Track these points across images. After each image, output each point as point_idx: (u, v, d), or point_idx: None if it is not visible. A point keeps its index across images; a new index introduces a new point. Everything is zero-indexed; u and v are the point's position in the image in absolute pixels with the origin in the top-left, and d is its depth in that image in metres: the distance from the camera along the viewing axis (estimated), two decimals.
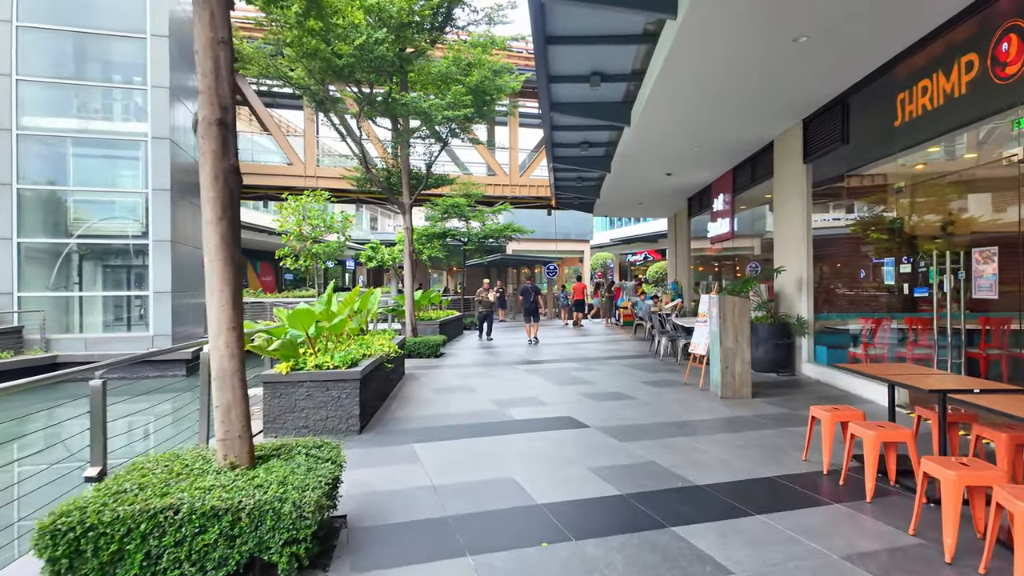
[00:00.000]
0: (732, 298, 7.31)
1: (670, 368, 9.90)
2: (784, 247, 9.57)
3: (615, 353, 12.19)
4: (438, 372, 9.93)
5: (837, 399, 7.13)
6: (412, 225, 12.42)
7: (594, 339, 15.36)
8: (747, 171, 11.75)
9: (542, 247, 32.62)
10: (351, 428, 5.95)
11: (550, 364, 10.73)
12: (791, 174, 9.29)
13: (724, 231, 13.06)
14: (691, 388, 7.99)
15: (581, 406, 6.99)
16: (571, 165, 13.64)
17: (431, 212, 18.61)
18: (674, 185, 14.56)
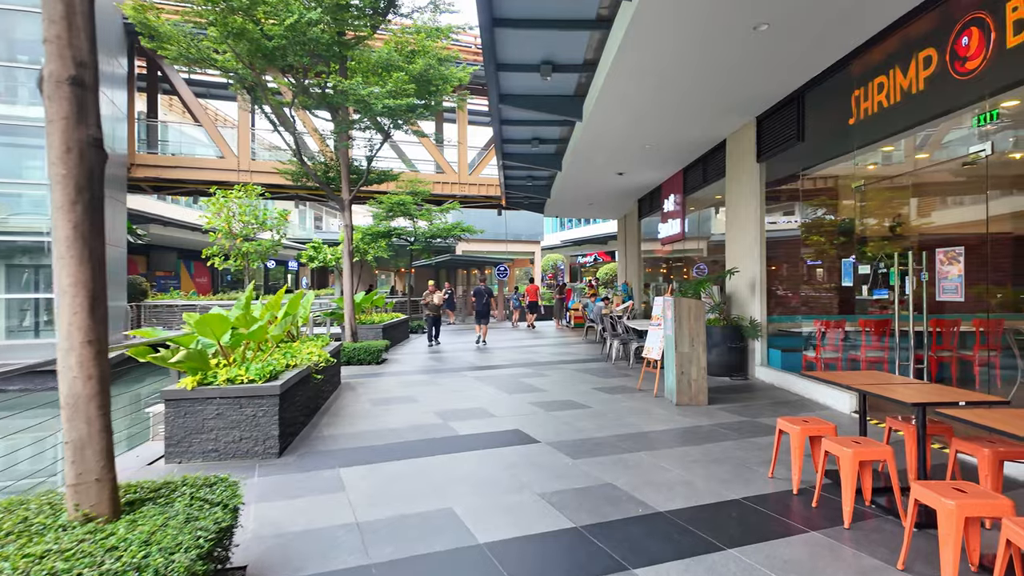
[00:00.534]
0: (688, 300, 6.97)
1: (623, 372, 9.54)
2: (736, 248, 9.38)
3: (567, 357, 11.77)
4: (378, 381, 9.21)
5: (794, 404, 6.90)
6: (352, 223, 11.61)
7: (545, 342, 14.93)
8: (698, 171, 11.58)
9: (493, 248, 32.11)
10: (269, 451, 5.20)
11: (500, 370, 10.19)
12: (744, 173, 9.09)
13: (675, 232, 12.88)
14: (645, 395, 7.61)
15: (532, 418, 6.47)
16: (521, 163, 13.17)
17: (376, 210, 17.72)
18: (625, 185, 14.31)
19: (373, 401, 7.55)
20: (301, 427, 6.12)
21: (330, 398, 7.76)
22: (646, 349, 8.06)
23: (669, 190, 13.26)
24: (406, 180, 17.86)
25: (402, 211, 17.02)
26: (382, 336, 12.92)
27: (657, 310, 8.01)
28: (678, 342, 6.92)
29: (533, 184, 16.37)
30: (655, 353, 7.76)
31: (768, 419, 6.17)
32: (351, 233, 11.59)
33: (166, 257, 34.42)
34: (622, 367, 10.14)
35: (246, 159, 19.03)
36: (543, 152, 12.89)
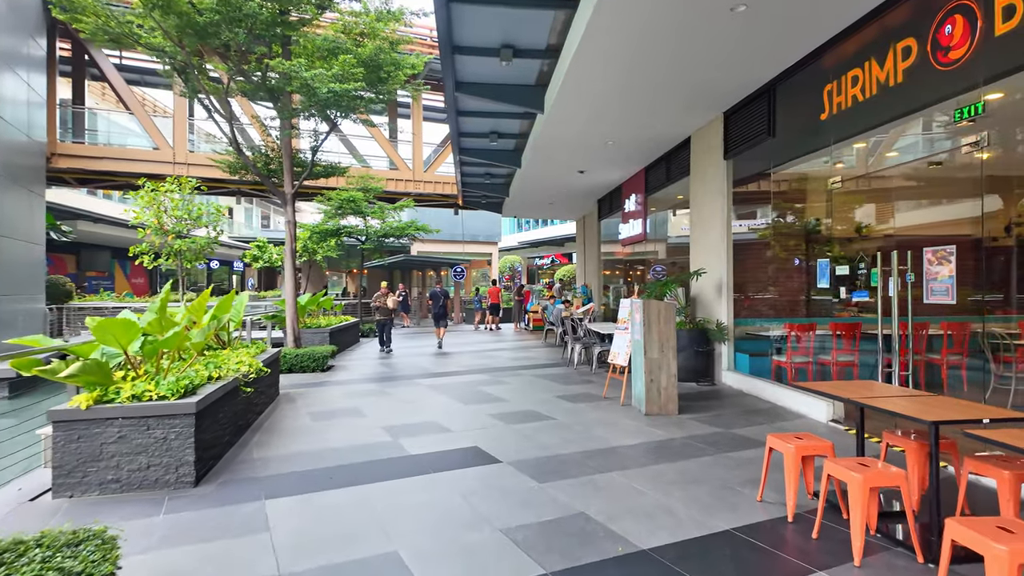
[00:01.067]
0: (658, 303, 6.53)
1: (586, 378, 9.07)
2: (701, 249, 9.07)
3: (526, 362, 11.23)
4: (322, 391, 8.42)
5: (767, 413, 6.56)
6: (295, 219, 10.74)
7: (504, 346, 14.36)
8: (661, 170, 11.27)
9: (449, 249, 31.36)
10: (183, 479, 4.42)
11: (456, 377, 9.54)
12: (710, 171, 8.78)
13: (636, 232, 12.55)
14: (612, 403, 7.14)
15: (491, 432, 5.88)
16: (479, 159, 12.57)
17: (325, 207, 16.74)
18: (586, 184, 13.92)
19: (314, 415, 6.79)
20: (226, 448, 5.34)
21: (265, 412, 6.95)
22: (612, 354, 7.60)
23: (630, 190, 12.94)
24: (357, 176, 16.97)
25: (352, 209, 16.12)
26: (329, 341, 12.06)
27: (623, 313, 7.56)
28: (647, 347, 6.47)
29: (491, 182, 15.80)
30: (622, 359, 7.30)
31: (743, 430, 5.78)
32: (294, 230, 10.71)
33: (98, 256, 32.05)
34: (585, 372, 9.67)
35: (183, 151, 17.70)
36: (502, 148, 12.34)
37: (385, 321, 13.05)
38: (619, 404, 7.07)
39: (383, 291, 13.05)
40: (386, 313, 12.96)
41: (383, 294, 12.99)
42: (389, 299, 12.89)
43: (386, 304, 12.87)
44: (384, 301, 12.93)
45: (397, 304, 15.65)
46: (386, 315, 12.98)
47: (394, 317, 14.51)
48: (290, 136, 10.47)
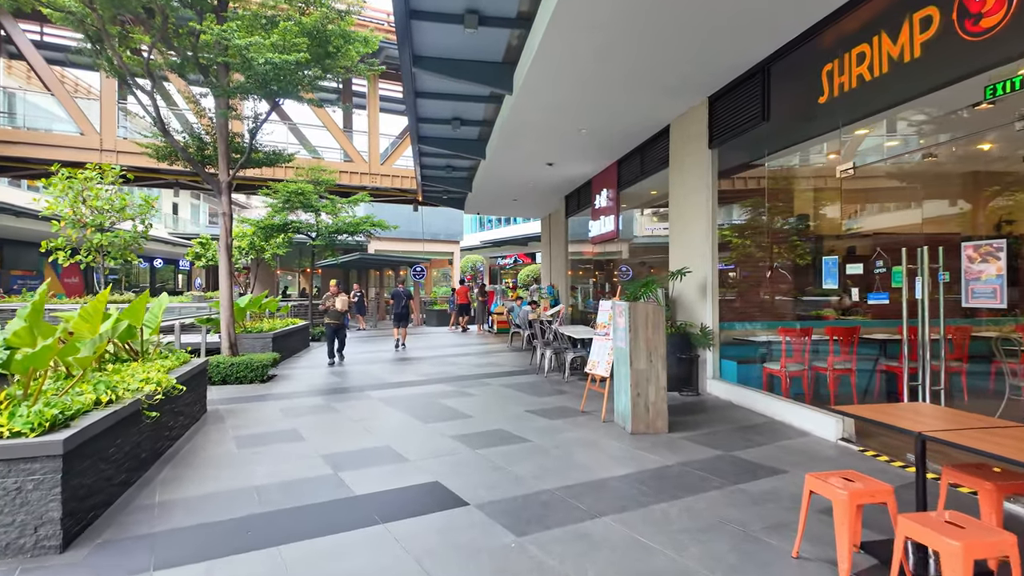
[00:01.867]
0: (646, 306, 5.74)
1: (558, 388, 8.23)
2: (682, 247, 8.37)
3: (492, 369, 10.32)
4: (258, 407, 7.31)
5: (764, 429, 5.85)
6: (231, 211, 9.51)
7: (467, 350, 13.41)
8: (635, 162, 10.57)
9: (409, 248, 30.15)
10: (45, 543, 3.34)
11: (414, 388, 8.56)
12: (692, 162, 8.08)
13: (608, 230, 11.83)
14: (591, 419, 6.31)
15: (455, 460, 4.95)
16: (440, 148, 11.58)
17: (273, 201, 15.41)
18: (554, 179, 13.13)
19: (241, 440, 5.71)
20: (120, 490, 4.23)
21: (183, 437, 5.82)
22: (591, 363, 6.77)
23: (601, 185, 12.21)
24: (307, 168, 15.71)
25: (302, 202, 14.86)
26: (272, 347, 10.85)
27: (603, 316, 6.75)
28: (633, 357, 5.67)
29: (453, 175, 14.83)
30: (602, 369, 6.48)
31: (745, 452, 5.04)
32: (230, 223, 9.50)
33: (25, 254, 29.40)
34: (556, 381, 8.84)
35: (111, 137, 16.03)
36: (465, 137, 11.40)
37: (336, 327, 11.26)
38: (600, 420, 6.25)
39: (332, 291, 11.36)
40: (337, 317, 11.23)
41: (332, 294, 11.27)
42: (339, 300, 11.13)
43: (335, 306, 11.15)
44: (333, 303, 11.20)
45: (351, 306, 14.50)
46: (337, 319, 11.23)
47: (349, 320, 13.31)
48: (226, 117, 9.26)
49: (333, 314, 11.23)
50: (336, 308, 11.17)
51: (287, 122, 19.24)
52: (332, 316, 11.25)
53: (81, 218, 10.92)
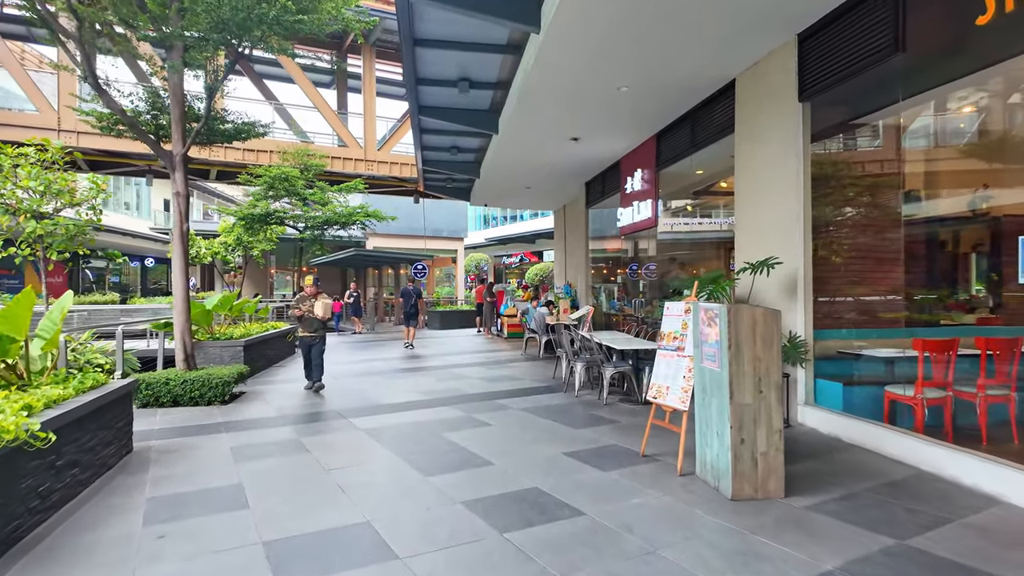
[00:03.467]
0: (753, 311, 3.89)
1: (597, 414, 6.39)
2: (755, 232, 6.53)
3: (508, 383, 8.48)
4: (203, 445, 5.48)
5: (914, 488, 3.99)
6: (187, 191, 7.70)
7: (474, 359, 11.57)
8: (681, 133, 8.72)
9: (410, 244, 28.32)
10: None
11: (412, 413, 6.72)
12: (773, 123, 6.23)
13: (643, 218, 9.98)
14: (662, 471, 4.47)
15: (473, 557, 3.11)
16: (445, 121, 9.75)
17: (255, 189, 13.59)
18: (576, 159, 11.28)
19: (155, 507, 3.87)
20: None
21: (75, 500, 3.99)
22: (655, 388, 4.91)
23: (634, 164, 10.36)
24: (293, 151, 13.90)
25: (287, 189, 13.04)
26: (243, 358, 9.03)
27: (671, 324, 4.89)
28: (734, 384, 3.83)
29: (459, 158, 12.99)
30: (675, 398, 4.62)
31: (926, 540, 3.19)
32: (185, 205, 7.69)
33: None
34: (591, 403, 7.00)
35: (72, 116, 14.22)
36: (474, 106, 9.57)
37: (313, 340, 8.14)
38: (674, 472, 4.40)
39: (309, 291, 8.21)
40: (315, 327, 8.17)
41: (309, 295, 8.18)
42: (319, 304, 8.06)
43: (313, 312, 8.08)
44: (311, 307, 8.10)
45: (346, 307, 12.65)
46: (314, 330, 8.17)
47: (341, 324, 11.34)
48: (180, 74, 7.45)
49: (310, 323, 8.14)
50: (316, 315, 8.10)
51: (272, 102, 17.43)
52: (308, 326, 8.15)
53: (16, 203, 9.10)
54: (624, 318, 11.86)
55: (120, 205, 33.17)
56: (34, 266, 32.77)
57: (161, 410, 6.95)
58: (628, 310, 12.34)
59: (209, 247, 20.85)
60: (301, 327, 8.26)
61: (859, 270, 5.97)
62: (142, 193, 36.31)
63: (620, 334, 9.05)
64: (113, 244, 28.45)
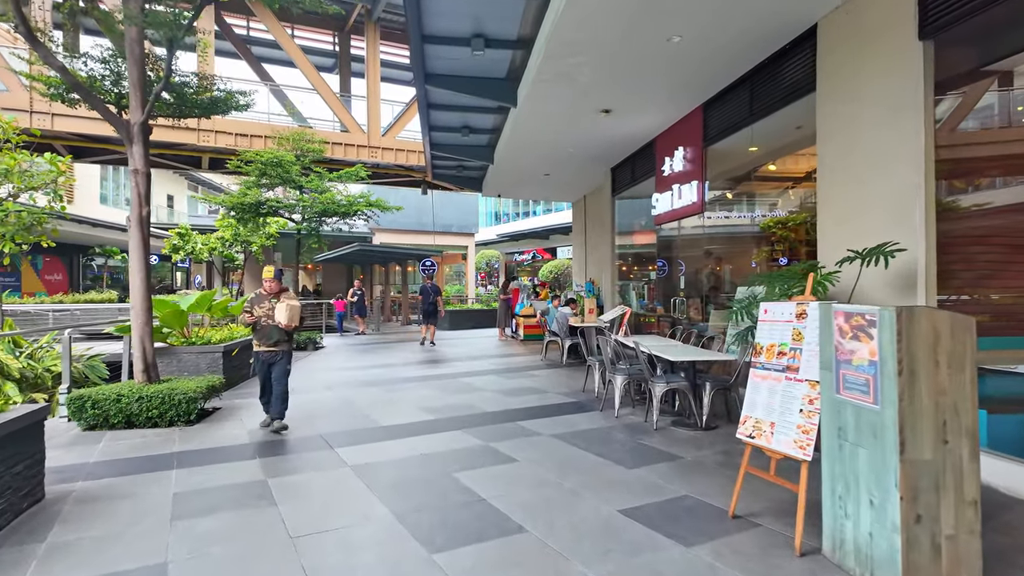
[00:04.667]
0: (933, 314, 2.52)
1: (648, 444, 5.03)
2: (853, 212, 5.15)
3: (530, 398, 7.14)
4: (142, 489, 4.19)
5: None
6: (148, 169, 6.42)
7: (489, 365, 10.24)
8: (734, 102, 7.33)
9: (418, 240, 27.05)
10: None
11: (415, 440, 5.40)
12: (878, 71, 4.84)
13: (686, 203, 8.59)
14: (769, 544, 3.11)
15: None
16: (456, 91, 8.41)
17: (248, 179, 12.33)
18: (604, 139, 9.90)
19: None
20: None
21: None
22: (750, 424, 3.51)
23: (673, 143, 8.98)
24: (288, 135, 12.63)
25: (281, 176, 11.77)
26: (222, 366, 7.77)
27: (769, 334, 3.51)
28: (905, 430, 2.46)
29: (470, 141, 11.66)
30: (786, 442, 3.24)
31: None
32: (145, 186, 6.42)
33: None
34: (638, 427, 5.64)
35: (39, 98, 13.03)
36: (489, 73, 8.24)
37: (273, 357, 5.81)
38: (788, 547, 3.04)
39: (268, 287, 5.83)
40: (274, 338, 5.76)
41: (268, 293, 5.82)
42: (281, 308, 5.64)
43: (274, 319, 5.70)
44: (269, 310, 5.72)
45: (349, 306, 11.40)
46: (274, 342, 5.77)
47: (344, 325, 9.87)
48: (139, 27, 6.17)
49: (268, 333, 5.72)
50: (279, 322, 5.65)
51: (268, 83, 16.19)
52: (266, 337, 5.73)
53: None
54: (657, 320, 10.49)
55: (121, 200, 32.20)
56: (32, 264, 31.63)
57: (110, 433, 5.69)
58: (660, 310, 10.97)
59: (206, 243, 19.71)
60: (256, 339, 5.81)
61: (995, 261, 4.58)
62: None
63: (660, 339, 7.68)
64: (111, 241, 27.45)
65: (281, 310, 5.65)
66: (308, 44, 18.01)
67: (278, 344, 5.80)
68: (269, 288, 5.85)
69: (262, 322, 5.74)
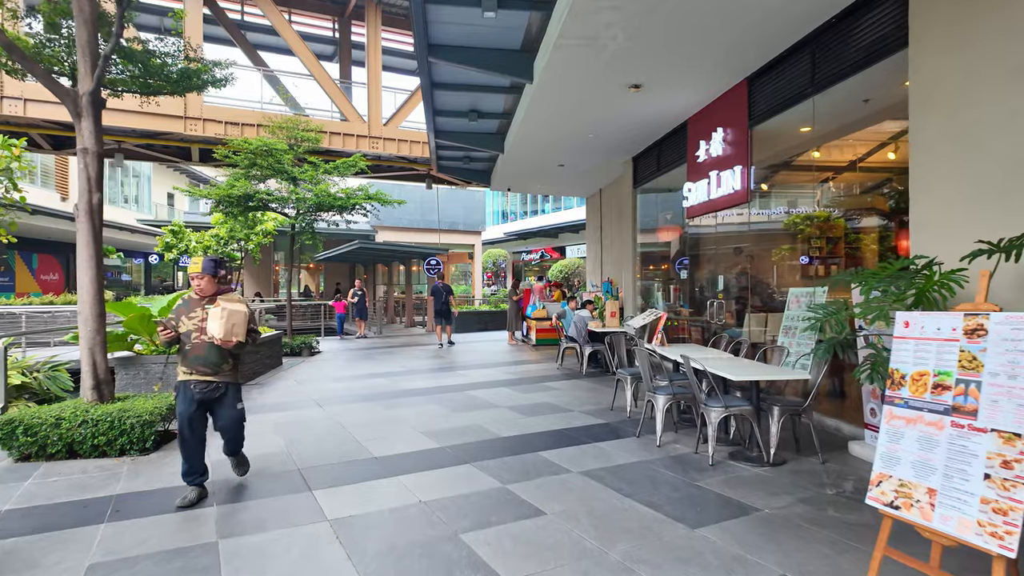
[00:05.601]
0: None
1: (708, 487, 3.98)
2: (966, 194, 4.07)
3: (550, 420, 6.08)
4: (49, 555, 3.17)
5: None
6: (100, 148, 5.43)
7: (499, 375, 9.20)
8: (791, 72, 6.28)
9: (423, 239, 26.04)
10: None
11: (409, 480, 4.36)
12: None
13: (726, 191, 7.52)
14: None
15: None
16: (463, 65, 7.38)
17: (238, 170, 11.34)
18: (629, 121, 8.84)
19: None
20: None
21: None
22: (891, 486, 2.40)
23: (711, 124, 7.91)
24: (280, 122, 11.64)
25: (272, 166, 10.78)
26: None
27: (924, 357, 2.44)
28: None
29: (478, 128, 10.64)
30: (962, 523, 2.16)
31: None
32: (97, 167, 5.42)
33: None
34: (687, 458, 4.59)
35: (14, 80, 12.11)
36: (501, 44, 7.22)
37: (210, 392, 3.92)
38: None
39: (200, 288, 3.94)
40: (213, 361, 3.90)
41: (201, 296, 3.96)
42: (215, 315, 3.77)
43: (202, 333, 3.85)
44: (200, 322, 3.86)
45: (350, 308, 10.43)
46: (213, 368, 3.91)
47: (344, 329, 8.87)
48: None
49: (204, 356, 3.86)
50: (211, 337, 3.79)
51: (261, 68, 15.22)
52: (200, 362, 3.87)
53: None
54: (686, 324, 9.43)
55: (119, 198, 31.37)
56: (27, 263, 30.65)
57: (45, 466, 4.68)
58: (684, 312, 9.90)
59: (200, 240, 18.78)
60: (182, 365, 3.89)
61: None
62: (142, 186, 34.52)
63: (701, 348, 6.61)
64: (110, 239, 26.72)
65: (215, 318, 3.71)
66: (306, 31, 17.04)
67: (218, 372, 3.87)
68: (201, 290, 3.87)
69: (192, 339, 3.81)
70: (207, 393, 3.91)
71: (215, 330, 3.75)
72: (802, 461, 4.59)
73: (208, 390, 3.91)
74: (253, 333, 4.00)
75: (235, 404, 4.07)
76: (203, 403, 3.94)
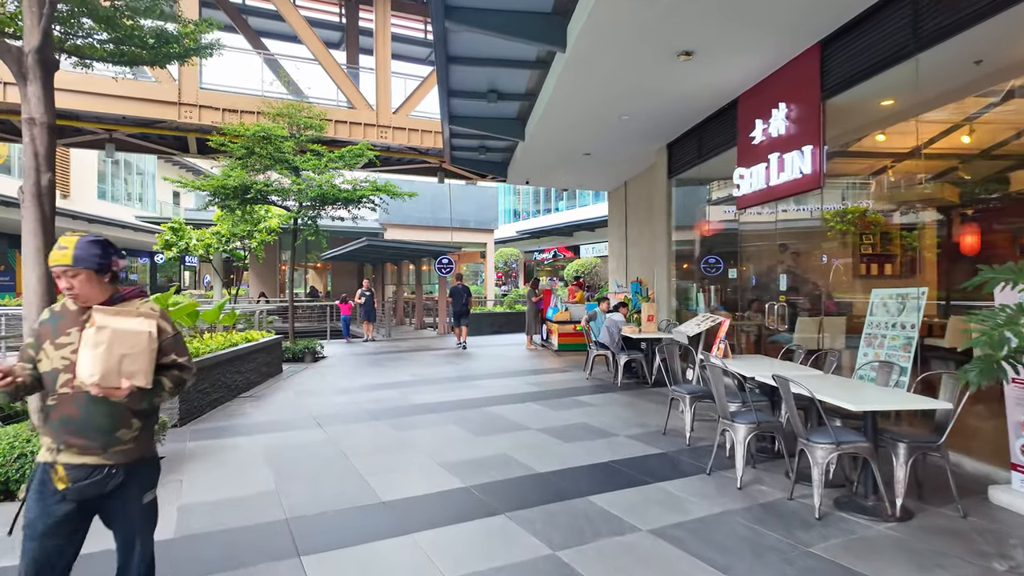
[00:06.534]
0: None
1: (813, 553, 2.95)
2: None
3: (592, 448, 5.07)
4: None
5: None
6: (50, 119, 4.51)
7: (520, 387, 8.19)
8: (887, 25, 5.22)
9: (434, 237, 25.08)
10: None
11: (421, 542, 3.37)
12: None
13: (792, 177, 6.46)
14: None
15: None
16: (484, 31, 6.38)
17: (232, 161, 10.41)
18: (673, 97, 7.79)
19: None
20: None
21: None
22: None
23: (770, 99, 6.85)
24: (281, 107, 10.70)
25: (272, 154, 9.83)
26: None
27: None
28: None
29: (497, 112, 9.65)
30: None
31: None
32: (46, 140, 4.48)
33: None
34: (783, 508, 3.56)
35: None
36: (529, 5, 6.22)
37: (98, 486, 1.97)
38: None
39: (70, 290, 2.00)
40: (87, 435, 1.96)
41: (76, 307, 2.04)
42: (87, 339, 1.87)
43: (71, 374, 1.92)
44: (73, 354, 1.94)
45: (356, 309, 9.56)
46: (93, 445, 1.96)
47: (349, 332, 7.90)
48: None
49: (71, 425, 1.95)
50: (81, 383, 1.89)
51: (262, 52, 14.29)
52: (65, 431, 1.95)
53: None
54: (734, 328, 8.39)
55: (123, 196, 30.67)
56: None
57: None
58: (723, 314, 8.82)
59: (201, 238, 17.93)
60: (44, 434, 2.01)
61: None
62: (147, 183, 33.83)
63: (766, 360, 5.56)
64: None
65: (87, 346, 1.87)
66: (312, 16, 16.12)
67: (109, 447, 1.99)
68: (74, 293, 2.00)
69: (58, 386, 1.97)
70: (88, 487, 1.96)
71: (86, 368, 1.86)
72: (933, 513, 3.55)
73: (90, 482, 1.96)
74: (176, 369, 2.10)
75: (141, 496, 2.10)
76: (82, 505, 1.99)
